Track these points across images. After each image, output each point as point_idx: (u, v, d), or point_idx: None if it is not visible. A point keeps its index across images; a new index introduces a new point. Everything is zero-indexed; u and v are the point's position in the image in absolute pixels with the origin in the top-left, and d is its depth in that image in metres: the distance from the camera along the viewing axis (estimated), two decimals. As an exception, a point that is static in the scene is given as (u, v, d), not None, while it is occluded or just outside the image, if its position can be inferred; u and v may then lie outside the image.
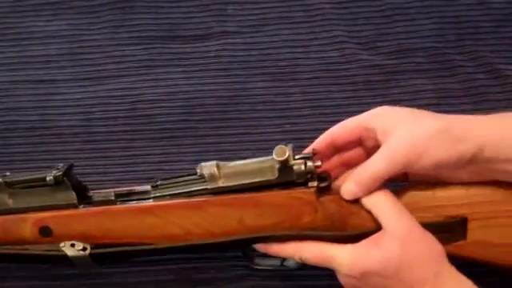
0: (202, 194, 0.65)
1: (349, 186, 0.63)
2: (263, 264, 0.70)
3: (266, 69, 0.91)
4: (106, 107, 0.88)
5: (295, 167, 0.63)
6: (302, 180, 0.63)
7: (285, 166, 0.62)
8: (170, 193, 0.65)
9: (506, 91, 0.85)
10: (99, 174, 0.82)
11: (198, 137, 0.85)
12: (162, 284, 0.73)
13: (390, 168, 0.61)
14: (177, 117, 0.87)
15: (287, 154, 0.62)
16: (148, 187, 0.67)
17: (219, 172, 0.64)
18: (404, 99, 0.86)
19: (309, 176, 0.63)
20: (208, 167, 0.64)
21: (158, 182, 0.66)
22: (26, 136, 0.86)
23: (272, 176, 0.63)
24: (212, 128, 0.86)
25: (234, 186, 0.64)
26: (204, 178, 0.64)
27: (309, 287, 0.72)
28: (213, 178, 0.64)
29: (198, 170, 0.65)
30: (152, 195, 0.66)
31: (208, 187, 0.64)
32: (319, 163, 0.63)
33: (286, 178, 0.63)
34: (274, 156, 0.62)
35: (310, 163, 0.63)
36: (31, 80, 0.91)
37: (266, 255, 0.67)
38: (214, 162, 0.64)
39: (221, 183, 0.64)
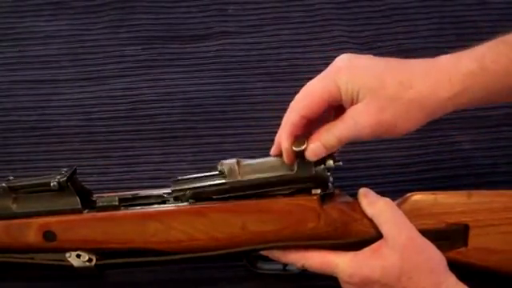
0: (221, 189, 0.65)
1: (316, 146, 0.62)
2: (266, 268, 0.70)
3: (265, 69, 0.90)
4: (106, 107, 0.88)
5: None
6: (321, 178, 0.64)
7: (303, 160, 0.63)
8: (190, 186, 0.66)
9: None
10: (99, 174, 0.82)
11: (198, 137, 0.85)
12: (162, 284, 0.73)
13: (357, 133, 0.61)
14: (177, 117, 0.87)
15: (305, 145, 0.62)
16: (152, 192, 0.68)
17: (239, 168, 0.65)
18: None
19: (328, 173, 0.64)
20: (228, 163, 0.65)
21: (179, 178, 0.67)
22: (26, 136, 0.86)
23: (291, 171, 0.64)
24: (212, 128, 0.86)
25: (253, 180, 0.64)
26: (224, 173, 0.65)
27: (308, 287, 0.72)
28: (232, 173, 0.65)
29: (219, 166, 0.66)
30: (172, 189, 0.66)
31: (227, 181, 0.65)
32: (341, 163, 0.64)
33: (305, 174, 0.64)
34: (293, 147, 0.62)
35: (330, 161, 0.63)
36: (31, 80, 0.91)
37: (268, 259, 0.68)
38: (235, 159, 0.65)
39: (239, 178, 0.65)
